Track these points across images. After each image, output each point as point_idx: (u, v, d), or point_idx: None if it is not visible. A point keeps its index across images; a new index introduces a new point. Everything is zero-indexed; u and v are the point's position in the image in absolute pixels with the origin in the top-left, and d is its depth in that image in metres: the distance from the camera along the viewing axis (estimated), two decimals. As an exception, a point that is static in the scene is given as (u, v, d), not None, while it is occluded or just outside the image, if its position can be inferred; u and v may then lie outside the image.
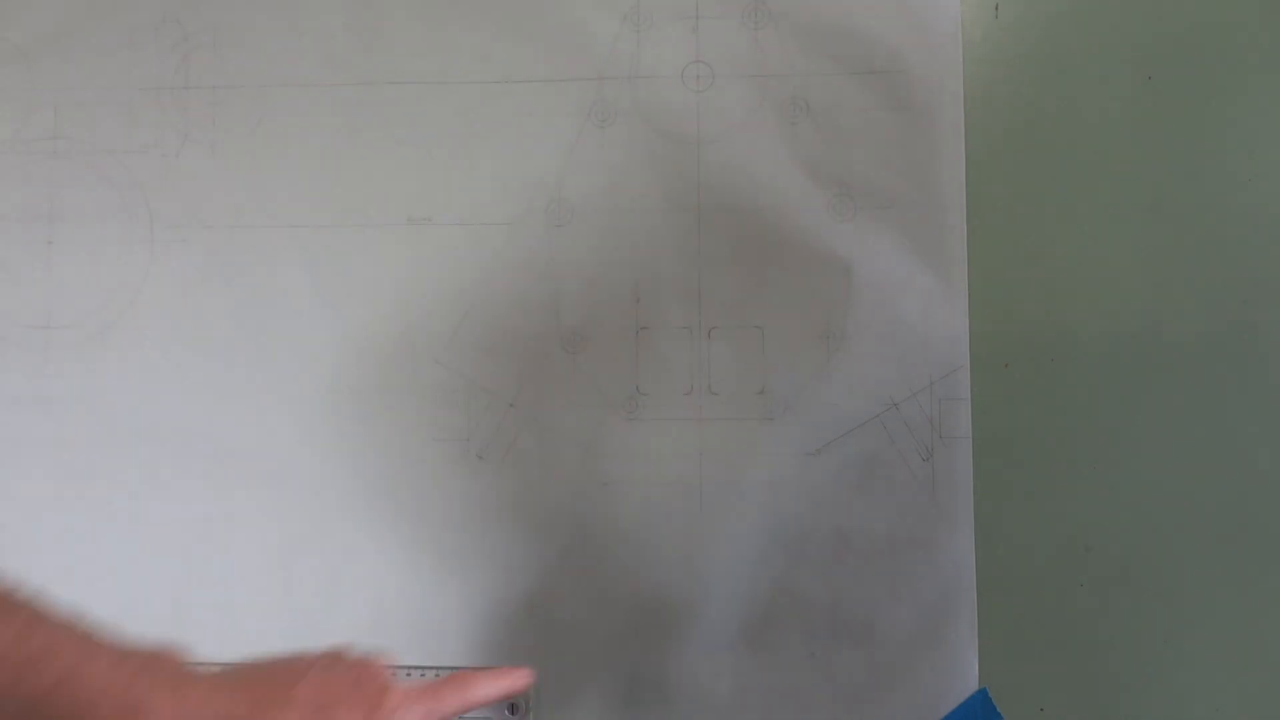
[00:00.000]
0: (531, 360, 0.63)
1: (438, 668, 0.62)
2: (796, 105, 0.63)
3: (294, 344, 0.64)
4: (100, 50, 0.66)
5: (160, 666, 0.38)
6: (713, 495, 0.61)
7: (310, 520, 0.62)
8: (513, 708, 0.61)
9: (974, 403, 0.61)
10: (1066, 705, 0.59)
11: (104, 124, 0.65)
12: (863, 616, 0.60)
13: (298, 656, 0.45)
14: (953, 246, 0.61)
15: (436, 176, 0.64)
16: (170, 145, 0.65)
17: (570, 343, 0.63)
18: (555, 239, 0.63)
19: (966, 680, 0.60)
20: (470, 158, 0.64)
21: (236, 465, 0.63)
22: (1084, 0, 0.62)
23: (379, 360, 0.63)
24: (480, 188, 0.64)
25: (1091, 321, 0.61)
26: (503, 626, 0.62)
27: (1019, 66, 0.62)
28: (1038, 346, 0.61)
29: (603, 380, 0.62)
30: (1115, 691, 0.59)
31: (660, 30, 0.64)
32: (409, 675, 0.62)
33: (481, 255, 0.63)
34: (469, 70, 0.64)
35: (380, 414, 0.63)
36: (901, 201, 0.62)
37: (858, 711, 0.60)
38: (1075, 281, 0.61)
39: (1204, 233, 0.61)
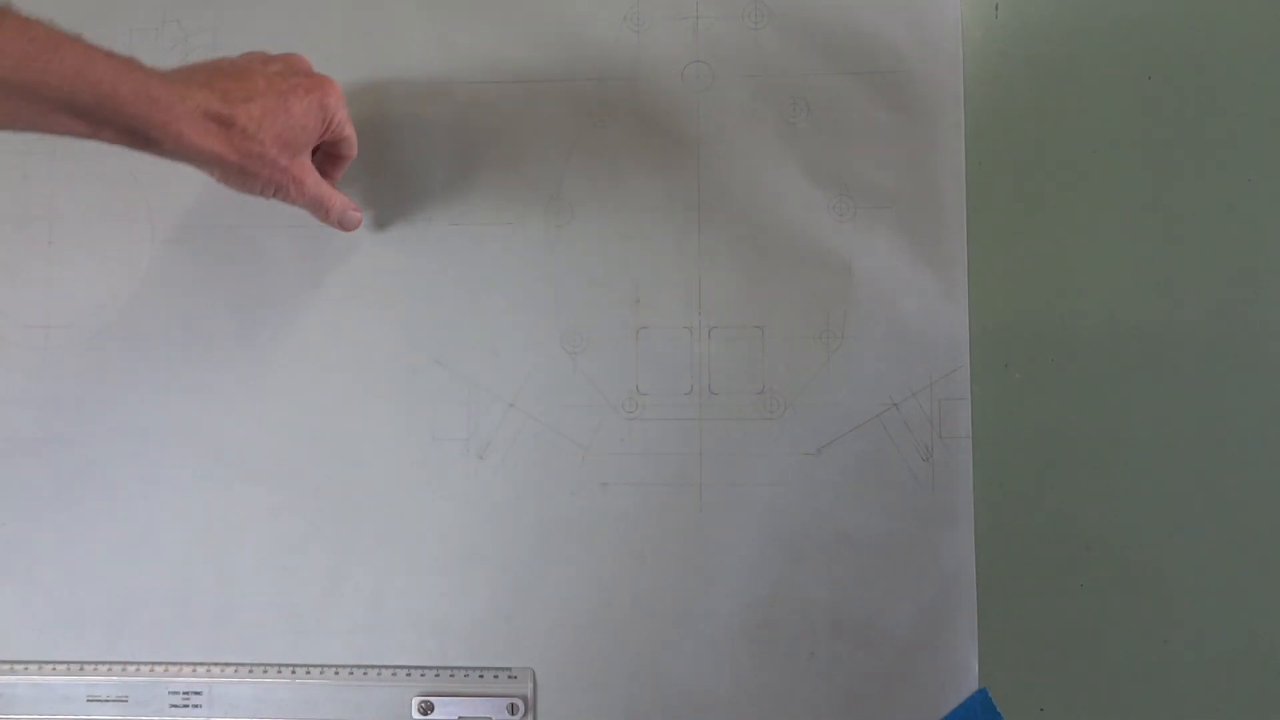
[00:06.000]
0: (531, 360, 0.63)
1: (438, 668, 0.62)
2: (796, 105, 0.63)
3: (294, 344, 0.64)
4: (100, 50, 0.65)
5: (160, 73, 0.50)
6: (713, 495, 0.61)
7: (310, 520, 0.62)
8: (512, 708, 0.61)
9: (974, 403, 0.61)
10: (1066, 705, 0.60)
11: (104, 124, 0.65)
12: (863, 616, 0.60)
13: (252, 58, 0.55)
14: (953, 246, 0.61)
15: (436, 176, 0.64)
16: (170, 145, 0.65)
17: (570, 343, 0.63)
18: (555, 239, 0.63)
19: (966, 680, 0.60)
20: (470, 157, 0.64)
21: (236, 465, 0.63)
22: (1084, 0, 0.62)
23: (379, 360, 0.63)
24: (480, 188, 0.64)
25: (1092, 321, 0.61)
26: (502, 626, 0.62)
27: (1019, 66, 0.62)
28: (1038, 346, 0.61)
29: (603, 380, 0.62)
30: (1115, 691, 0.59)
31: (660, 30, 0.64)
32: (408, 675, 0.62)
33: (482, 255, 0.63)
34: (469, 70, 0.64)
35: (380, 414, 0.63)
36: (901, 202, 0.62)
37: (858, 711, 0.60)
38: (1075, 281, 0.61)
39: (1204, 233, 0.61)
